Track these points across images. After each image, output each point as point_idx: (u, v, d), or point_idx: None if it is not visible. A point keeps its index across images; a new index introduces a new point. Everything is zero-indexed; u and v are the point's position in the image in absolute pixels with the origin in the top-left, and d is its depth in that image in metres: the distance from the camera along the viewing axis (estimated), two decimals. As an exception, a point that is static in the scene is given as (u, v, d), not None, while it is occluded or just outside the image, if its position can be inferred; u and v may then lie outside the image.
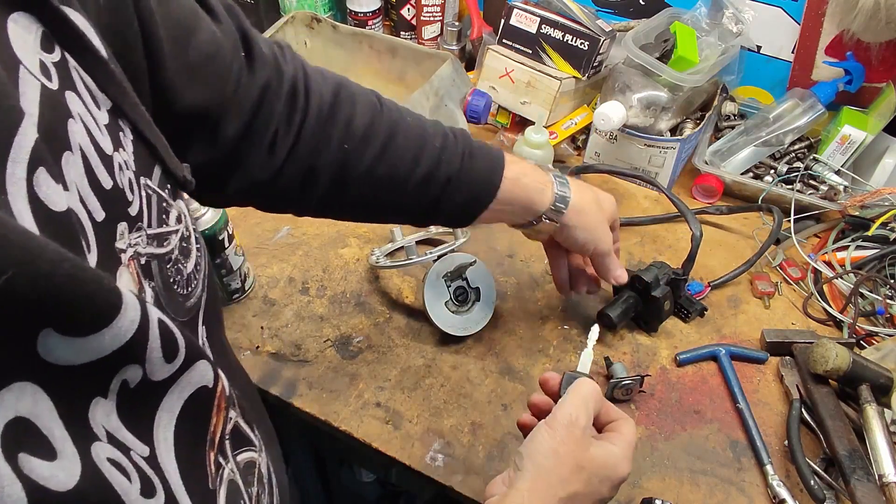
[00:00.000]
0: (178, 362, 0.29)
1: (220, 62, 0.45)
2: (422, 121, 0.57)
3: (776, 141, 0.92)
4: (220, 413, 0.35)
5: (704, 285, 0.80)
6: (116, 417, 0.26)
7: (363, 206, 0.59)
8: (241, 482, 0.36)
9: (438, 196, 0.57)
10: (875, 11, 0.83)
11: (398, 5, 1.15)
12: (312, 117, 0.52)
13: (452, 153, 0.56)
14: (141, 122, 0.33)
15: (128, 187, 0.30)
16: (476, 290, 0.74)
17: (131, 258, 0.30)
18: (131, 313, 0.25)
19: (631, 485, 0.63)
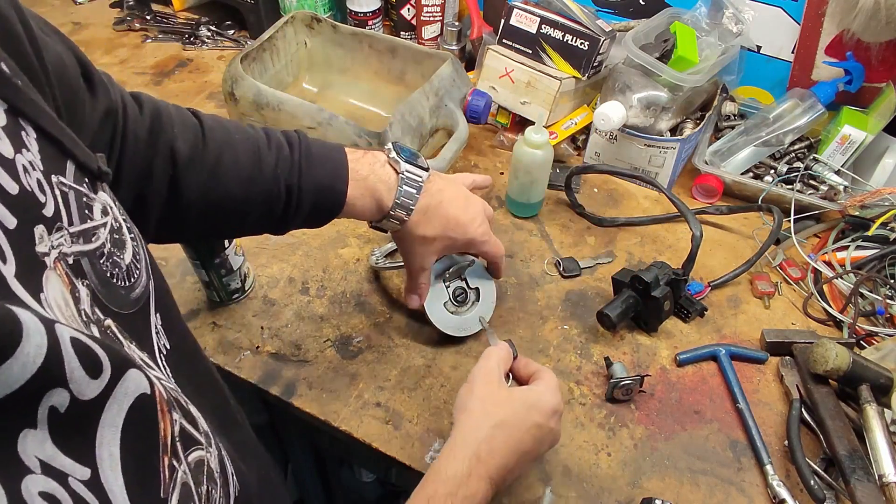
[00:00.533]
0: (105, 376, 0.28)
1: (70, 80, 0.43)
2: (251, 136, 0.56)
3: (776, 141, 0.92)
4: (166, 417, 0.34)
5: (704, 285, 0.80)
6: (51, 444, 0.25)
7: (209, 227, 0.58)
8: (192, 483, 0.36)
9: (284, 209, 0.57)
10: (875, 11, 0.83)
11: (398, 5, 1.16)
12: (130, 144, 0.50)
13: (288, 164, 0.56)
14: (42, 119, 0.32)
15: (37, 189, 0.29)
16: (475, 291, 0.74)
17: (57, 260, 0.29)
18: (36, 338, 0.24)
19: (631, 485, 0.63)
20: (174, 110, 0.54)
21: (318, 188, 0.57)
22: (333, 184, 0.57)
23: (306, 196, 0.57)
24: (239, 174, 0.54)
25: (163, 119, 0.52)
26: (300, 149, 0.57)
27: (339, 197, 0.57)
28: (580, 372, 0.72)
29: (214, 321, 0.75)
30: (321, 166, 0.57)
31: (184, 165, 0.52)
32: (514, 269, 0.83)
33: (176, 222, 0.55)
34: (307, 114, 0.85)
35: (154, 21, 1.27)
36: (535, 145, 0.83)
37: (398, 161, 0.59)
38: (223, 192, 0.54)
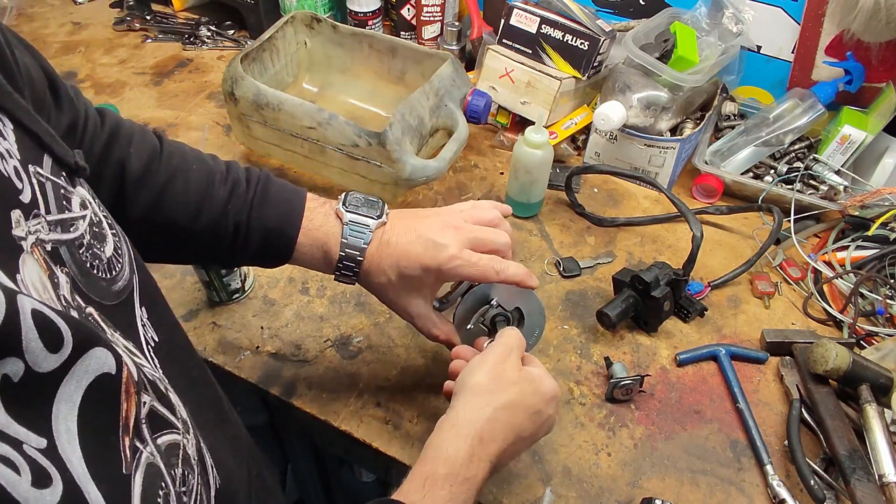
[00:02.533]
0: (66, 351, 0.29)
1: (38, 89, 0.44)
2: (208, 168, 0.56)
3: (776, 141, 0.92)
4: (131, 398, 0.34)
5: (704, 285, 0.80)
6: (4, 413, 0.26)
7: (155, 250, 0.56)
8: (162, 465, 0.36)
9: (230, 245, 0.56)
10: (875, 11, 0.83)
11: (398, 5, 1.16)
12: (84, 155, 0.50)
13: (240, 202, 0.55)
14: (19, 111, 0.32)
15: (14, 175, 0.30)
16: (517, 311, 0.63)
17: (34, 245, 0.30)
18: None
19: (631, 485, 0.63)
20: (137, 130, 0.55)
21: (266, 230, 0.56)
22: (283, 228, 0.56)
23: (254, 236, 0.56)
24: (186, 202, 0.54)
25: (120, 135, 0.52)
26: (256, 188, 0.56)
27: (289, 242, 0.56)
28: (580, 372, 0.72)
29: (214, 321, 0.75)
30: (274, 209, 0.56)
31: (131, 183, 0.52)
32: (514, 269, 0.83)
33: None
34: (307, 114, 0.85)
35: (154, 21, 1.27)
36: (535, 145, 0.83)
37: (342, 211, 0.57)
38: (167, 217, 0.54)
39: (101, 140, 0.51)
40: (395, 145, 0.83)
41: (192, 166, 0.55)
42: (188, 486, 0.38)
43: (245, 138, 0.95)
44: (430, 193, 0.94)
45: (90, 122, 0.51)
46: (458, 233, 0.57)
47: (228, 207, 0.55)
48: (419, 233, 0.56)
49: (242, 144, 0.97)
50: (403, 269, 0.56)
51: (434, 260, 0.55)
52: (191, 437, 0.41)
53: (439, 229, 0.56)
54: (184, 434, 0.40)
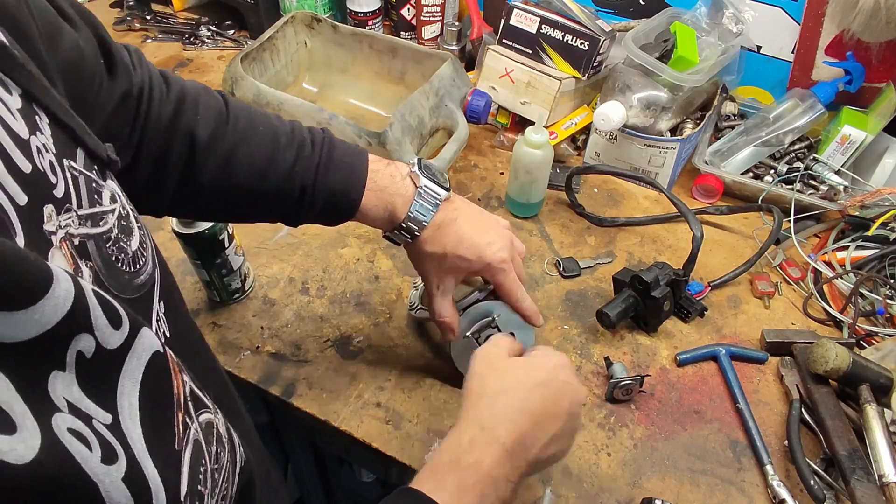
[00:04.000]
0: (125, 328, 0.30)
1: (85, 68, 0.44)
2: (275, 129, 0.56)
3: (776, 141, 0.92)
4: (178, 376, 0.35)
5: (704, 285, 0.80)
6: (78, 388, 0.27)
7: (217, 212, 0.59)
8: (203, 442, 0.37)
9: (296, 205, 0.57)
10: (875, 11, 0.83)
11: (398, 5, 1.16)
12: (153, 123, 0.51)
13: (306, 165, 0.56)
14: (54, 105, 0.33)
15: (49, 170, 0.31)
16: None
17: (63, 240, 0.30)
18: (64, 284, 0.26)
19: (631, 485, 0.63)
20: (203, 94, 0.55)
21: (331, 193, 0.57)
22: (347, 190, 0.57)
23: (319, 198, 0.57)
24: (252, 167, 0.54)
25: (187, 102, 0.53)
26: (321, 151, 0.56)
27: (353, 204, 0.57)
28: (580, 372, 0.72)
29: (214, 321, 0.75)
30: (338, 171, 0.57)
31: (200, 151, 0.53)
32: (514, 269, 0.83)
33: (189, 202, 0.56)
34: (307, 114, 0.85)
35: (154, 21, 1.27)
36: (535, 145, 0.83)
37: (418, 175, 0.58)
38: (235, 182, 0.55)
39: (168, 109, 0.52)
40: (396, 145, 0.83)
41: (259, 128, 0.55)
42: (220, 464, 0.39)
43: (245, 138, 0.95)
44: (430, 193, 0.94)
45: (155, 91, 0.51)
46: (512, 247, 0.61)
47: (294, 170, 0.55)
48: (483, 227, 0.59)
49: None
50: (460, 251, 0.58)
51: (492, 256, 0.58)
52: (220, 417, 0.42)
53: (498, 230, 0.60)
54: (215, 414, 0.41)
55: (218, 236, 0.69)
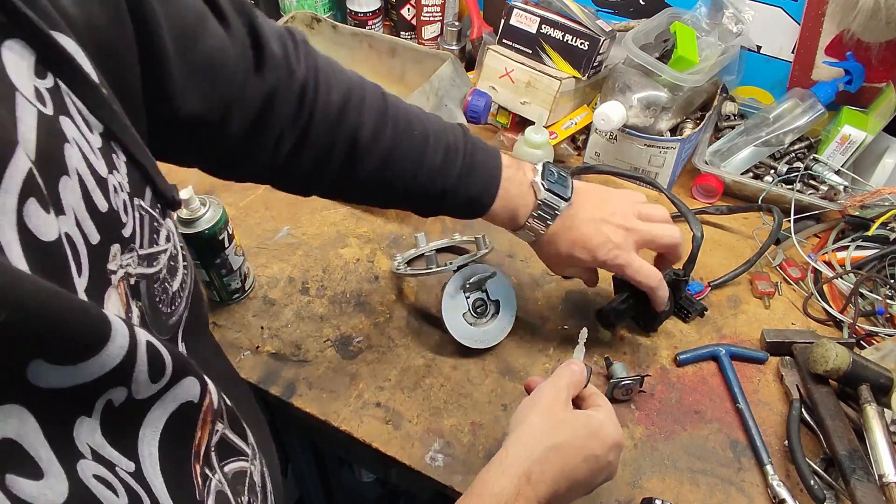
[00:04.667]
0: (163, 381, 0.30)
1: (226, 67, 0.45)
2: (427, 131, 0.58)
3: (776, 141, 0.92)
4: (206, 426, 0.35)
5: (704, 285, 0.80)
6: (100, 435, 0.26)
7: (365, 201, 0.65)
8: (229, 492, 0.36)
9: (435, 204, 0.60)
10: (875, 11, 0.83)
11: (398, 5, 1.16)
12: (318, 122, 0.52)
13: (450, 170, 0.58)
14: (132, 144, 0.33)
15: (122, 209, 0.31)
16: (496, 303, 0.72)
17: (121, 279, 0.30)
18: (120, 340, 0.25)
19: (631, 485, 0.63)
20: (368, 92, 0.56)
21: (468, 197, 0.60)
22: (482, 197, 0.60)
23: (457, 200, 0.60)
24: (405, 168, 0.57)
25: (352, 101, 0.54)
26: (464, 156, 0.59)
27: (485, 208, 0.61)
28: (580, 372, 0.72)
29: (214, 321, 0.75)
30: (478, 179, 0.59)
31: (361, 150, 0.55)
32: (514, 269, 0.83)
33: (340, 192, 0.60)
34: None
35: (154, 21, 1.27)
36: (535, 145, 0.83)
37: (539, 188, 0.61)
38: (387, 181, 0.57)
39: (334, 110, 0.53)
40: (395, 145, 0.83)
41: (414, 131, 0.57)
42: None
43: (245, 138, 0.95)
44: (430, 193, 0.94)
45: (321, 88, 0.52)
46: (630, 234, 0.63)
47: (438, 174, 0.58)
48: (598, 227, 0.62)
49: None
50: (575, 252, 0.63)
51: (604, 256, 0.62)
52: (257, 464, 0.42)
53: (615, 228, 0.62)
54: (251, 461, 0.41)
55: (218, 236, 0.69)
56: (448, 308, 0.70)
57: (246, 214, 0.88)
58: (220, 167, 0.54)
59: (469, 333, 0.71)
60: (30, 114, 0.25)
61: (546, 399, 0.52)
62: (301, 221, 0.88)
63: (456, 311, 0.70)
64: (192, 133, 0.46)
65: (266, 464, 0.45)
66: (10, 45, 0.26)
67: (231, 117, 0.48)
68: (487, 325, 0.72)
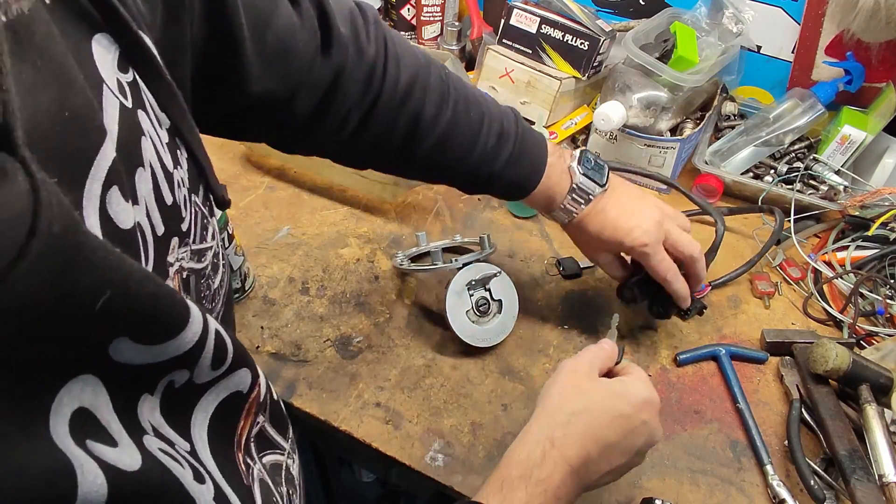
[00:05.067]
0: (222, 369, 0.31)
1: (296, 48, 0.47)
2: (483, 113, 0.59)
3: (776, 141, 0.92)
4: (249, 417, 0.36)
5: (705, 285, 0.80)
6: (159, 413, 0.27)
7: (416, 176, 0.66)
8: (270, 482, 0.37)
9: (482, 184, 0.63)
10: (875, 11, 0.83)
11: (398, 5, 1.16)
12: (385, 102, 0.54)
13: (501, 154, 0.60)
14: (194, 142, 0.34)
15: (183, 204, 0.32)
16: (498, 303, 0.72)
17: (176, 272, 0.31)
18: (195, 326, 0.27)
19: (631, 485, 0.63)
20: (432, 70, 0.57)
21: (512, 182, 0.62)
22: (526, 182, 0.62)
23: (501, 184, 0.62)
24: (461, 149, 0.59)
25: (418, 82, 0.56)
26: (515, 143, 0.60)
27: (527, 192, 0.63)
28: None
29: (214, 321, 0.75)
30: (525, 165, 0.61)
31: (422, 130, 0.56)
32: (514, 269, 0.83)
33: (398, 168, 0.63)
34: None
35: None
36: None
37: (575, 172, 0.63)
38: (442, 159, 0.59)
39: (401, 90, 0.55)
40: (395, 145, 0.83)
41: (471, 114, 0.59)
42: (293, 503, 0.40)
43: (245, 138, 0.95)
44: (431, 193, 0.94)
45: (390, 69, 0.54)
46: (660, 229, 0.64)
47: (488, 159, 0.60)
48: (632, 211, 0.64)
49: (242, 144, 0.97)
50: (604, 235, 0.64)
51: (632, 242, 0.63)
52: (295, 458, 0.43)
53: (650, 217, 0.64)
54: (289, 455, 0.42)
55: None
56: (452, 305, 0.70)
57: (246, 214, 0.88)
58: (287, 143, 0.56)
59: (472, 331, 0.71)
60: (113, 106, 0.26)
61: (566, 372, 0.52)
62: (301, 221, 0.88)
63: (459, 309, 0.70)
64: (262, 112, 0.48)
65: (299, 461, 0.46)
66: (99, 39, 0.27)
67: (299, 96, 0.49)
68: (490, 323, 0.72)
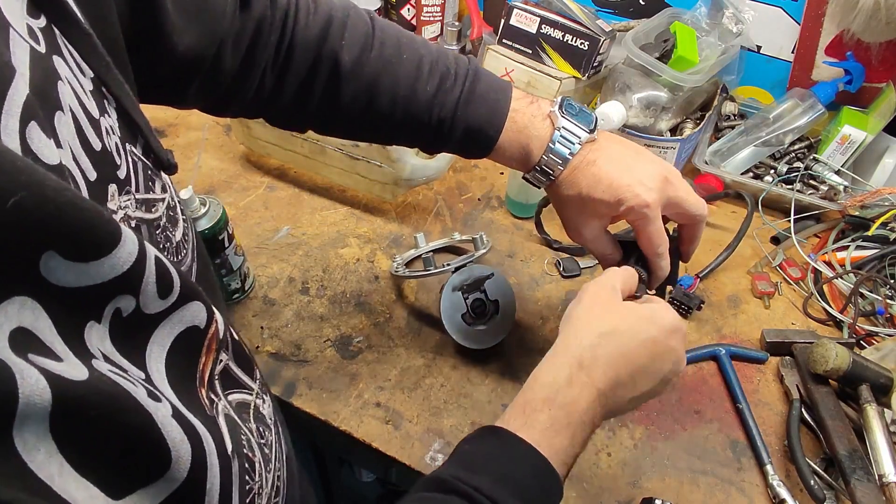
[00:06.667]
0: (171, 299, 0.30)
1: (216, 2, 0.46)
2: (420, 56, 0.54)
3: (776, 141, 0.92)
4: (210, 354, 0.36)
5: (694, 278, 0.80)
6: (110, 342, 0.27)
7: (358, 134, 0.60)
8: (236, 417, 0.37)
9: (434, 135, 0.56)
10: (875, 11, 0.83)
11: (398, 5, 1.15)
12: (299, 46, 0.52)
13: (446, 97, 0.54)
14: (125, 98, 0.33)
15: (115, 151, 0.31)
16: (495, 304, 0.71)
17: (122, 220, 0.31)
18: (130, 246, 0.26)
19: (631, 485, 0.63)
20: (352, 15, 0.54)
21: (469, 128, 0.55)
22: (485, 128, 0.54)
23: (456, 132, 0.55)
24: (394, 96, 0.54)
25: (334, 25, 0.53)
26: (464, 84, 0.54)
27: (490, 141, 0.55)
28: (580, 372, 0.72)
29: (214, 321, 0.75)
30: (479, 107, 0.54)
31: (343, 76, 0.53)
32: (514, 269, 0.83)
33: (330, 124, 0.58)
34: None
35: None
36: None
37: (557, 116, 0.54)
38: (375, 109, 0.54)
39: (314, 32, 0.52)
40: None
41: (403, 56, 0.54)
42: (266, 440, 0.40)
43: (245, 138, 0.95)
44: (430, 193, 0.94)
45: (301, 13, 0.52)
46: (667, 185, 0.53)
47: (434, 102, 0.54)
48: (630, 165, 0.53)
49: (242, 144, 0.97)
50: (597, 194, 0.53)
51: (633, 199, 0.52)
52: (267, 400, 0.42)
53: (653, 173, 0.53)
54: (258, 395, 0.41)
55: (218, 236, 0.69)
56: (446, 310, 0.70)
57: (246, 214, 0.88)
58: (216, 103, 0.54)
59: (468, 334, 0.71)
60: (22, 49, 0.26)
61: (591, 293, 0.49)
62: (301, 221, 0.88)
63: (455, 313, 0.70)
64: (191, 71, 0.47)
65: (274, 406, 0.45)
66: None
67: (224, 53, 0.48)
68: (487, 325, 0.72)
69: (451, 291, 0.70)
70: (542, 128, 0.54)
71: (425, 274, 0.73)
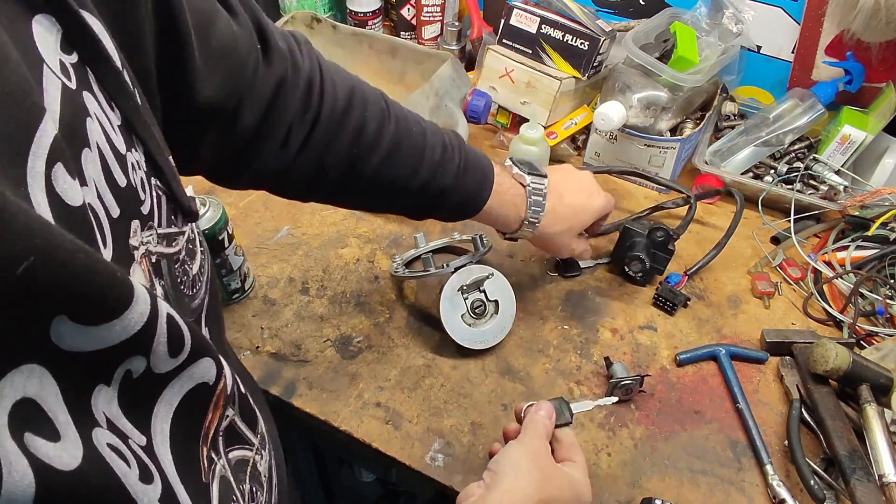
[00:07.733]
0: (182, 357, 0.30)
1: (238, 53, 0.46)
2: (424, 129, 0.59)
3: (776, 141, 0.92)
4: (217, 410, 0.35)
5: (682, 275, 0.80)
6: (117, 405, 0.27)
7: (365, 202, 0.63)
8: (232, 479, 0.37)
9: (431, 203, 0.61)
10: (875, 11, 0.83)
11: (398, 5, 1.16)
12: (325, 117, 0.53)
13: (448, 166, 0.59)
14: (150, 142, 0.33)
15: (140, 186, 0.31)
16: (494, 304, 0.72)
17: (143, 256, 0.31)
18: (141, 306, 0.26)
19: (631, 485, 0.63)
20: (368, 89, 0.57)
21: (465, 194, 0.61)
22: (478, 192, 0.61)
23: (454, 199, 0.61)
24: (408, 164, 0.58)
25: (356, 97, 0.55)
26: (460, 153, 0.60)
27: (480, 204, 0.62)
28: (580, 372, 0.72)
29: (214, 321, 0.75)
30: (473, 174, 0.61)
31: (366, 145, 0.55)
32: (514, 269, 0.83)
33: (343, 193, 0.60)
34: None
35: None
36: (530, 141, 0.83)
37: (522, 175, 0.64)
38: (391, 176, 0.58)
39: (340, 106, 0.54)
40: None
41: (413, 128, 0.58)
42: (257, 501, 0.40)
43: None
44: (430, 193, 0.94)
45: (327, 84, 0.53)
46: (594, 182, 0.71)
47: (438, 170, 0.59)
48: (578, 185, 0.69)
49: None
50: (581, 218, 0.69)
51: (602, 205, 0.70)
52: (265, 454, 0.42)
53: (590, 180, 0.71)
54: (258, 450, 0.41)
55: (218, 236, 0.69)
56: (446, 310, 0.70)
57: (246, 214, 0.88)
58: (231, 163, 0.53)
59: (468, 334, 0.71)
60: (54, 85, 0.26)
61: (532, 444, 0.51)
62: (301, 221, 0.88)
63: (454, 313, 0.70)
64: (206, 123, 0.47)
65: (275, 457, 0.45)
66: (39, 20, 0.27)
67: (243, 108, 0.49)
68: (487, 325, 0.72)
69: (450, 293, 0.70)
70: (516, 187, 0.64)
71: (425, 274, 0.73)
